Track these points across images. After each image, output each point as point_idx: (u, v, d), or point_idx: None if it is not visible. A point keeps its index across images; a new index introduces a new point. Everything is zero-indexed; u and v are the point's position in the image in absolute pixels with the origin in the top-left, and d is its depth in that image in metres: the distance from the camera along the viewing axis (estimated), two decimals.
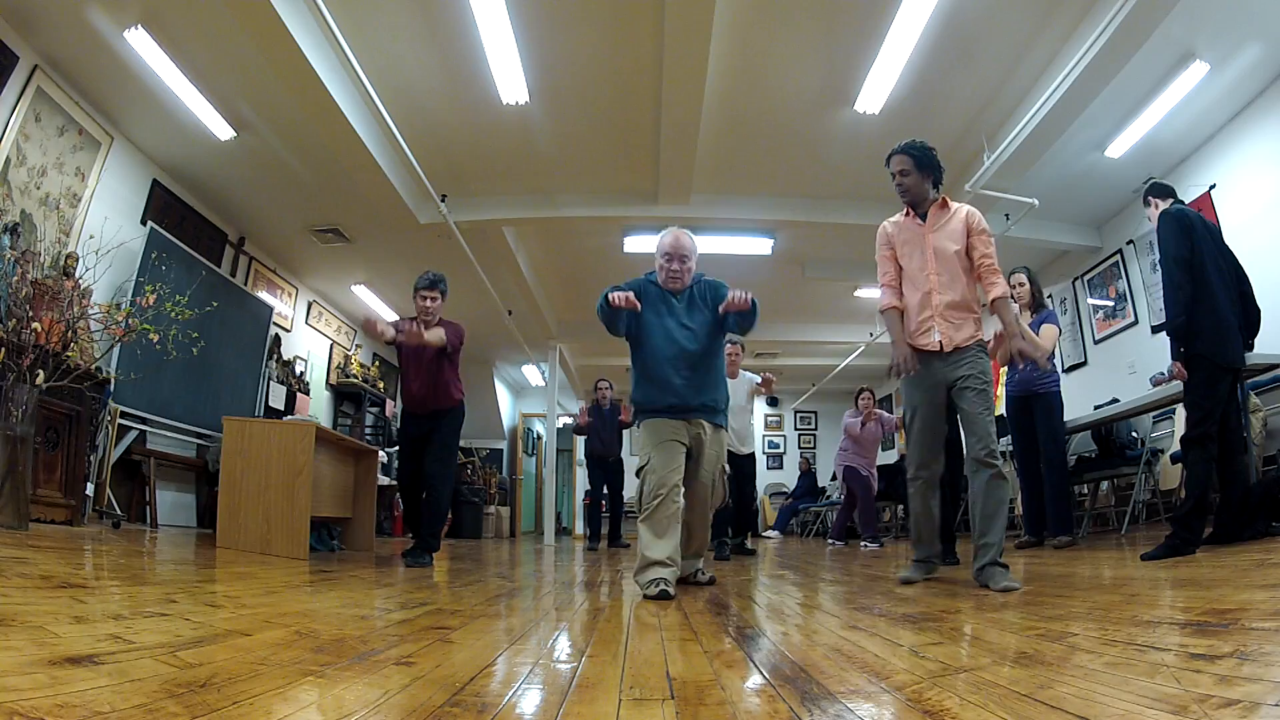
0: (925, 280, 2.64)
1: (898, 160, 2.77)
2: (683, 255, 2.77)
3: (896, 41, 3.94)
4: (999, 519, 2.40)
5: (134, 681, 0.94)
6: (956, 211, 2.69)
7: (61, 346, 3.48)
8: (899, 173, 2.75)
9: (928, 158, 2.73)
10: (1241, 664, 1.01)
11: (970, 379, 2.52)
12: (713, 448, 2.76)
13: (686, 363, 2.68)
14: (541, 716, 0.91)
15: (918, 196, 2.72)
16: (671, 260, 2.77)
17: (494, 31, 3.83)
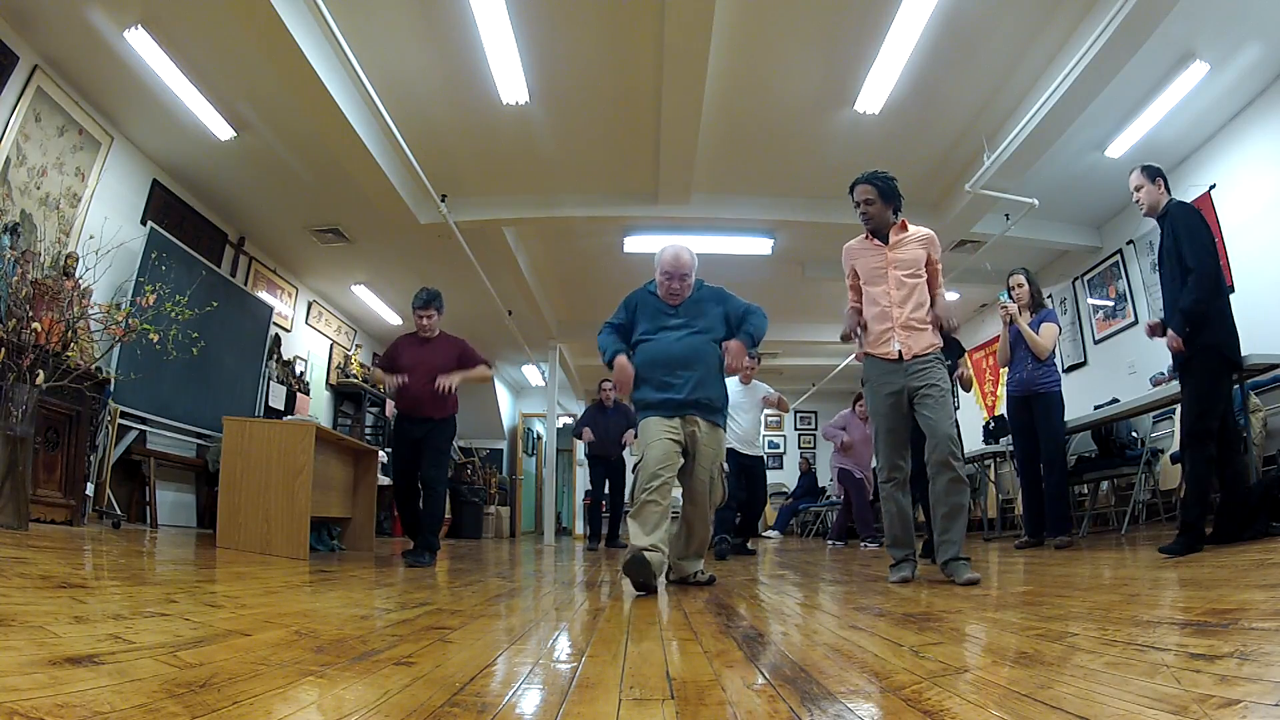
0: (885, 296, 2.82)
1: (862, 190, 2.86)
2: (683, 274, 2.82)
3: (896, 41, 3.94)
4: (960, 518, 2.61)
5: (134, 681, 0.94)
6: (915, 233, 2.86)
7: (61, 346, 3.48)
8: (864, 201, 2.85)
9: (890, 188, 2.85)
10: (1241, 664, 1.01)
11: (929, 388, 2.70)
12: (709, 445, 2.77)
13: (682, 364, 2.74)
14: (541, 716, 0.91)
15: (880, 224, 2.85)
16: (672, 279, 2.82)
17: (494, 31, 3.83)
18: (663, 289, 2.85)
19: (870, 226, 2.87)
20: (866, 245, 2.91)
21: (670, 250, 2.85)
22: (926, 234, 2.86)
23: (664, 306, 2.85)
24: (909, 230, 2.87)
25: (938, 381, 2.71)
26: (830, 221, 5.88)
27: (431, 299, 4.19)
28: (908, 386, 2.74)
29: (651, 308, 2.86)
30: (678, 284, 2.82)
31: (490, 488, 10.44)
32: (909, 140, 5.04)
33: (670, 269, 2.81)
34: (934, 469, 2.64)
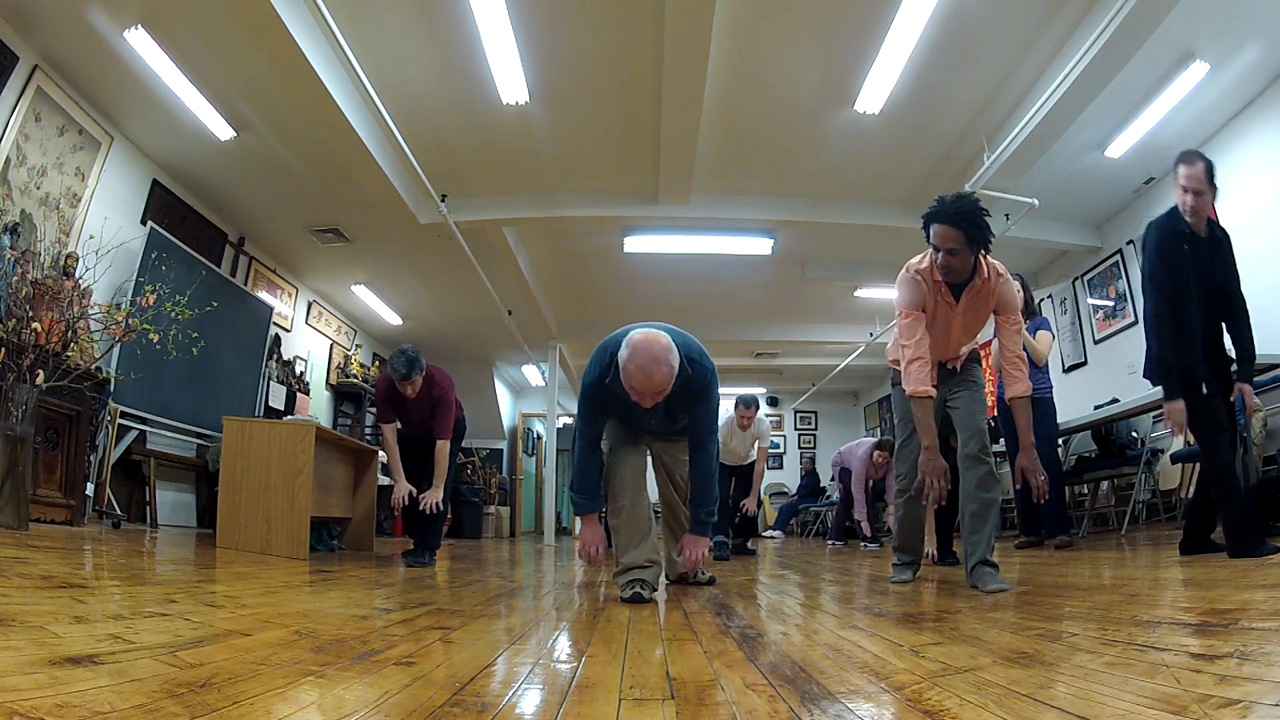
0: (944, 347, 2.52)
1: (944, 235, 2.22)
2: (655, 391, 2.12)
3: (896, 41, 3.94)
4: (990, 516, 2.36)
5: (134, 681, 0.94)
6: (987, 283, 2.37)
7: (61, 346, 3.48)
8: (946, 250, 2.24)
9: (982, 230, 2.22)
10: (1241, 664, 1.01)
11: (963, 383, 2.53)
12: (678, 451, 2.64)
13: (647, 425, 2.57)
14: (541, 716, 0.91)
15: (962, 278, 2.33)
16: (643, 397, 2.14)
17: (494, 31, 3.83)
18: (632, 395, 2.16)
19: (949, 280, 2.35)
20: (934, 287, 2.38)
21: (636, 363, 2.07)
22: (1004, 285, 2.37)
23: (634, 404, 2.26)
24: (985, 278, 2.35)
25: (974, 376, 2.55)
26: (830, 221, 5.89)
27: (411, 369, 3.91)
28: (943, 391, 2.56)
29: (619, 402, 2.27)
30: (649, 402, 2.16)
31: (490, 488, 10.44)
32: (909, 140, 5.04)
33: (641, 386, 2.09)
34: (965, 464, 2.45)
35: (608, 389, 2.24)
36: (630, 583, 2.26)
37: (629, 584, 2.26)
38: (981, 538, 2.34)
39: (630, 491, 2.45)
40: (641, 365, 2.06)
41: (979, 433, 2.43)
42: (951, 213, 2.20)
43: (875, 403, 12.14)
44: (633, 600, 2.18)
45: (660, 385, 2.09)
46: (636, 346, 2.08)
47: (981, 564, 2.32)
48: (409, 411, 4.16)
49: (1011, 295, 2.39)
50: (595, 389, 2.30)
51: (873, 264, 7.20)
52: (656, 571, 2.38)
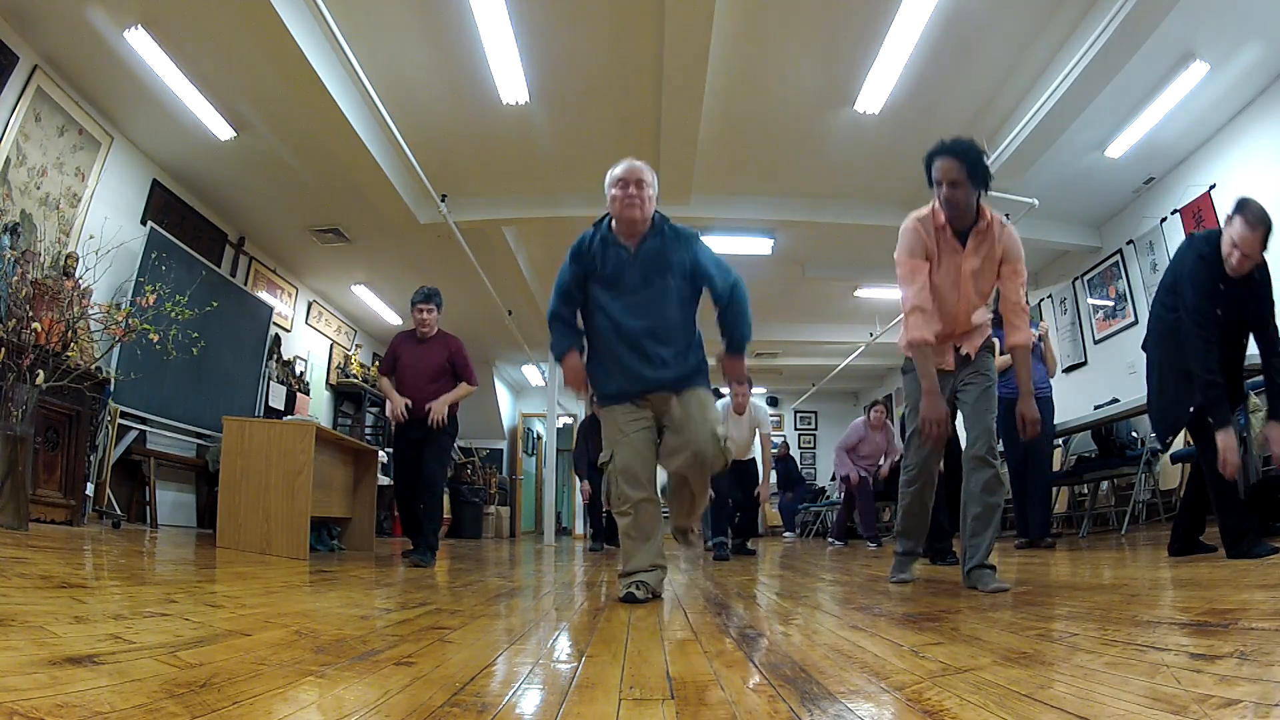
0: (954, 305, 2.36)
1: (947, 168, 2.23)
2: (639, 179, 2.23)
3: (896, 41, 3.94)
4: (992, 521, 2.30)
5: (134, 681, 0.94)
6: (991, 229, 2.32)
7: (61, 346, 3.48)
8: (949, 183, 2.22)
9: (980, 166, 2.23)
10: (1241, 664, 1.01)
11: (975, 375, 2.41)
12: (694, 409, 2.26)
13: (643, 335, 2.25)
14: (541, 716, 0.91)
15: (965, 214, 2.28)
16: (626, 185, 2.22)
17: (494, 31, 3.83)
18: (615, 204, 2.24)
19: (953, 215, 2.28)
20: (938, 234, 2.32)
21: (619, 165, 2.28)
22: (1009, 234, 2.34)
23: (620, 253, 2.27)
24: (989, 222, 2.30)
25: (985, 370, 2.41)
26: (830, 221, 5.90)
27: (431, 295, 4.16)
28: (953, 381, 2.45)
29: (606, 256, 2.27)
30: (634, 191, 2.22)
31: (490, 488, 10.44)
32: (909, 140, 5.03)
33: (625, 172, 2.24)
34: (970, 464, 2.35)
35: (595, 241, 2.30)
36: (631, 584, 2.21)
37: (629, 584, 2.22)
38: (983, 541, 2.28)
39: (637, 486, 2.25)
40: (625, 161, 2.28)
41: (987, 432, 2.34)
42: (952, 145, 2.24)
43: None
44: (627, 600, 2.14)
45: (639, 169, 2.24)
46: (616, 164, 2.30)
47: (980, 567, 2.28)
48: (425, 360, 4.08)
49: (1017, 244, 2.34)
50: (577, 247, 2.33)
51: (873, 264, 7.20)
52: (660, 575, 2.29)
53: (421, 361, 4.10)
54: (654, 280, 2.25)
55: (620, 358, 2.27)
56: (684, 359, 2.28)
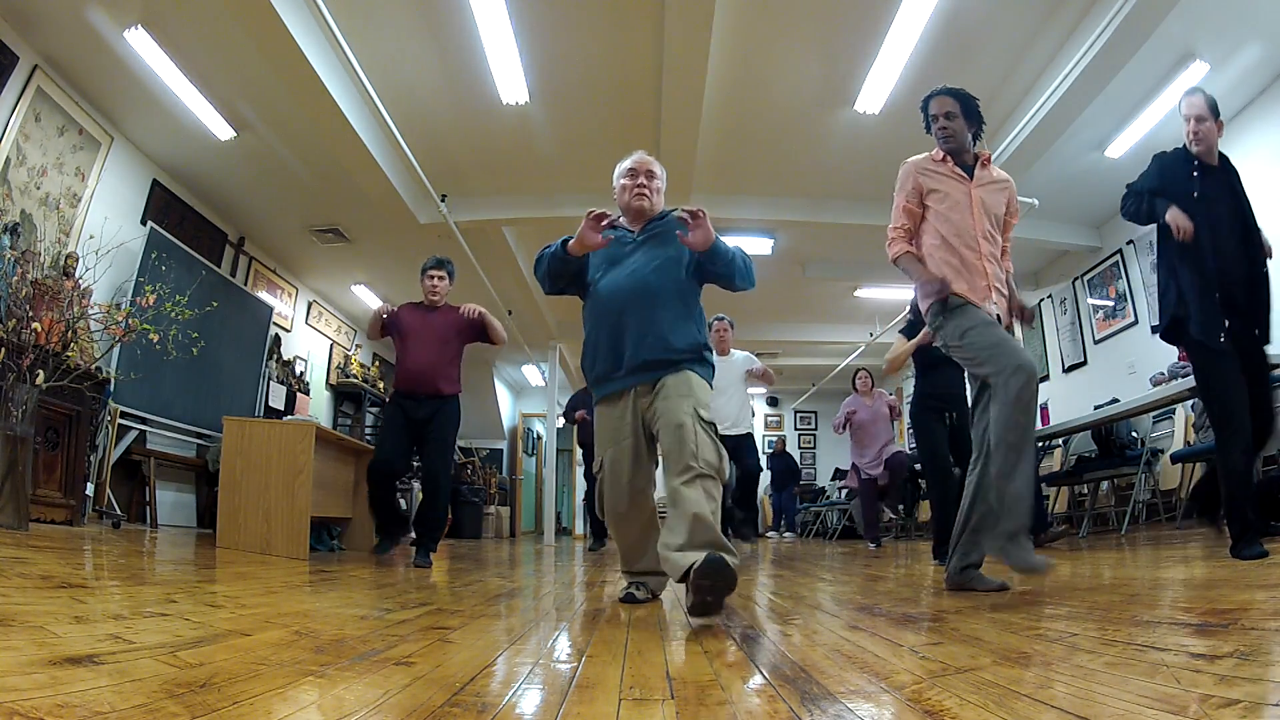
0: (973, 240, 2.24)
1: (942, 102, 2.34)
2: (649, 170, 2.22)
3: (896, 41, 3.94)
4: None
5: (134, 681, 0.94)
6: (999, 174, 2.36)
7: (61, 346, 3.48)
8: (944, 115, 2.31)
9: (973, 104, 2.34)
10: (1241, 664, 1.01)
11: None
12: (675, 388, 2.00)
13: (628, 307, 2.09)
14: (541, 716, 0.91)
15: (962, 144, 2.33)
16: (636, 175, 2.21)
17: (494, 31, 3.83)
18: (627, 194, 2.22)
19: (950, 146, 2.32)
20: (941, 167, 2.32)
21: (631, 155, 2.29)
22: (1008, 179, 2.36)
23: (621, 234, 2.21)
24: (991, 167, 2.34)
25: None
26: (830, 221, 5.90)
27: (444, 261, 3.95)
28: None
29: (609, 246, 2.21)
30: (644, 181, 2.20)
31: (490, 488, 10.44)
32: (909, 140, 5.00)
33: (635, 163, 2.24)
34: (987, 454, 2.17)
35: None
36: (633, 584, 2.16)
37: (629, 584, 2.18)
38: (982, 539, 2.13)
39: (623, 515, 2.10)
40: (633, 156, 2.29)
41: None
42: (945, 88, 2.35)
43: None
44: (626, 600, 2.09)
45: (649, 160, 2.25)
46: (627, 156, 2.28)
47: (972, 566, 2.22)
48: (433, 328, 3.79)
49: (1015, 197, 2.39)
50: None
51: (873, 264, 7.20)
52: (661, 582, 2.18)
53: (430, 329, 3.80)
54: (654, 252, 2.15)
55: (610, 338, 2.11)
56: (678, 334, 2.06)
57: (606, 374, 2.12)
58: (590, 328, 2.19)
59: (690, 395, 1.98)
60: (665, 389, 2.01)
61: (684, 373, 2.04)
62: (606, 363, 2.11)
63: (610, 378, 2.11)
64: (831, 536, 9.00)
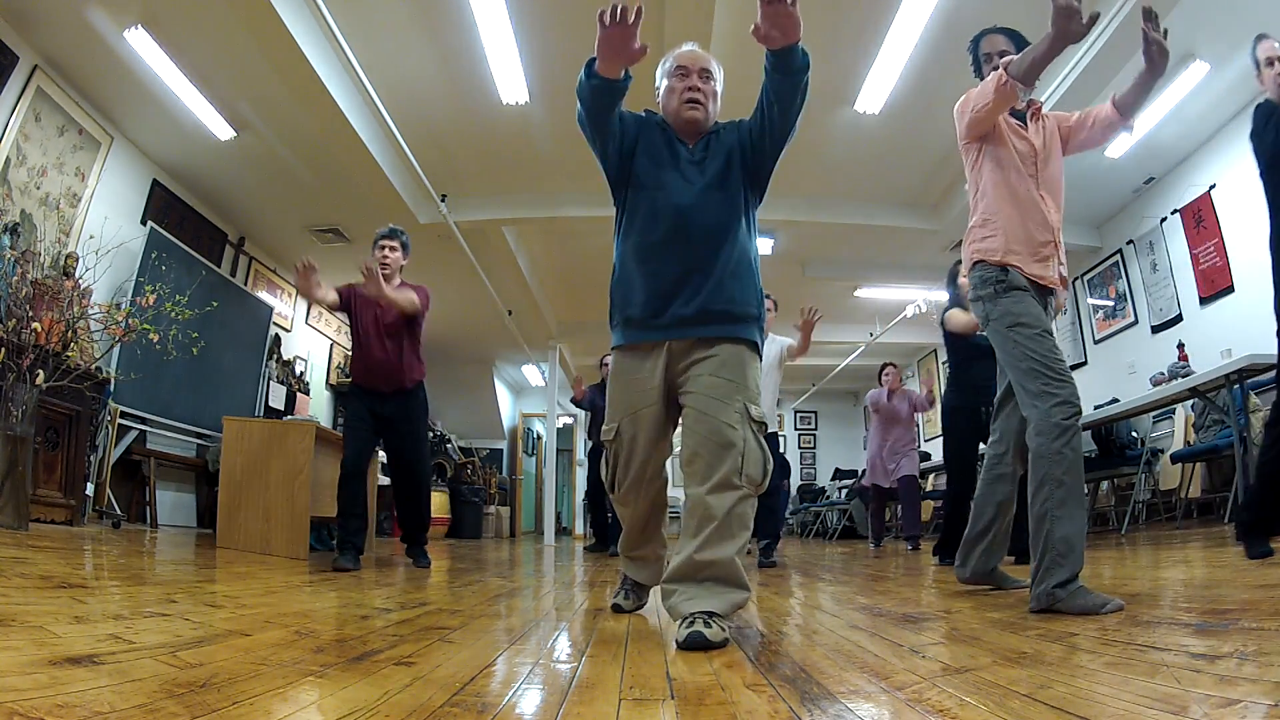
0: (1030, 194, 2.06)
1: (993, 40, 2.10)
2: (702, 68, 1.80)
3: (896, 41, 3.94)
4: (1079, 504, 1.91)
5: (134, 681, 0.94)
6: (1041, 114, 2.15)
7: (61, 346, 3.48)
8: (997, 54, 2.05)
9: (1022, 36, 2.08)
10: (1241, 664, 1.01)
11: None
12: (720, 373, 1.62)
13: (695, 239, 1.71)
14: (541, 716, 0.91)
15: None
16: (689, 74, 1.79)
17: (494, 31, 3.83)
18: (674, 96, 1.82)
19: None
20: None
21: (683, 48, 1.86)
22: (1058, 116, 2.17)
23: (673, 141, 1.83)
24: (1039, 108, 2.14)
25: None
26: (830, 221, 5.90)
27: (396, 231, 3.59)
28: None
29: (655, 139, 1.84)
30: (698, 80, 1.79)
31: (490, 488, 10.45)
32: (909, 140, 5.04)
33: (687, 60, 1.81)
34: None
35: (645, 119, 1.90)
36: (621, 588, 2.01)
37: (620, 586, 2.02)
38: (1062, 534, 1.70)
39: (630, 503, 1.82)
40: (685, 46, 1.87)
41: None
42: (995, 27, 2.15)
43: None
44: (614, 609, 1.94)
45: (706, 58, 1.83)
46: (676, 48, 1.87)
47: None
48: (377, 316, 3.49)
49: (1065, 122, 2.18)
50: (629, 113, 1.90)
51: (873, 264, 7.20)
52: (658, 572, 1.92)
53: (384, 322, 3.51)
54: (717, 175, 1.78)
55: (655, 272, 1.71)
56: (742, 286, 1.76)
57: (643, 319, 1.70)
58: (627, 251, 1.74)
59: (743, 386, 1.63)
60: (714, 363, 1.63)
61: (740, 346, 1.68)
62: (645, 305, 1.68)
63: (647, 324, 1.69)
64: (831, 536, 9.01)
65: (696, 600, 1.47)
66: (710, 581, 1.49)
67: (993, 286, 1.96)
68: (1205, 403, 4.11)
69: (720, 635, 1.37)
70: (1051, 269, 1.99)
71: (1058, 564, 1.66)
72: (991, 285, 1.96)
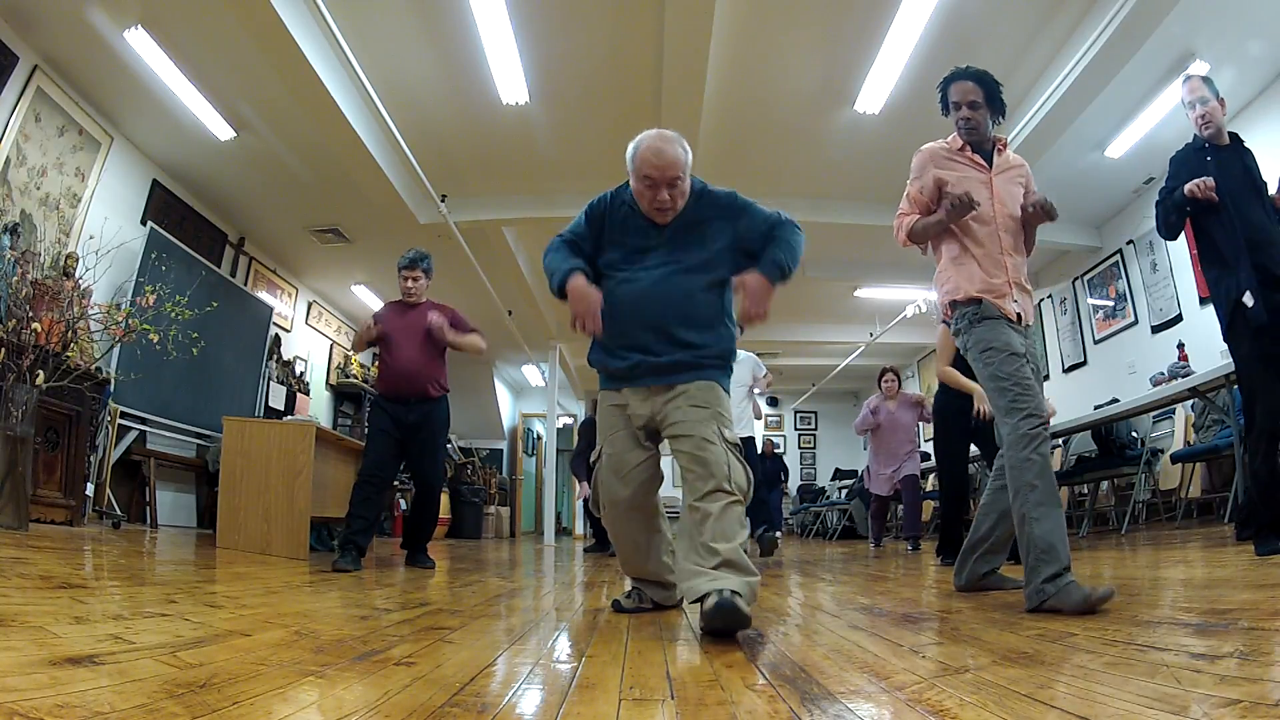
0: (991, 235, 2.10)
1: (964, 89, 2.19)
2: (672, 177, 1.79)
3: (896, 41, 3.94)
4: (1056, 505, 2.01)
5: (134, 681, 0.94)
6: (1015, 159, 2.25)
7: (61, 346, 3.48)
8: (967, 104, 2.17)
9: (996, 90, 2.20)
10: (1241, 664, 1.01)
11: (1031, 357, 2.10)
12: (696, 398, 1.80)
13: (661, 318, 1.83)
14: (541, 716, 0.91)
15: (984, 136, 2.19)
16: (657, 187, 1.79)
17: (494, 31, 3.83)
18: (645, 202, 1.85)
19: (972, 138, 2.18)
20: (957, 157, 2.17)
21: (649, 139, 1.81)
22: (1023, 162, 2.24)
23: (644, 224, 1.90)
24: (1008, 153, 2.22)
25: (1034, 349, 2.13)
26: (830, 221, 5.89)
27: (417, 261, 3.75)
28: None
29: (627, 225, 1.92)
30: (666, 193, 1.80)
31: (490, 488, 10.45)
32: (909, 140, 4.97)
33: (654, 169, 1.78)
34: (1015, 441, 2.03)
35: (615, 202, 1.96)
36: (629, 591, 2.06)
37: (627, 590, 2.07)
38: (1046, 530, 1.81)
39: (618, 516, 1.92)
40: (652, 142, 1.80)
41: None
42: (969, 70, 2.21)
43: None
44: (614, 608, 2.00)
45: (675, 164, 1.78)
46: (643, 134, 1.85)
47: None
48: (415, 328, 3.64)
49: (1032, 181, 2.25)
50: (596, 203, 2.01)
51: (873, 264, 7.20)
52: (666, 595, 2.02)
53: (412, 329, 3.65)
54: (685, 249, 1.86)
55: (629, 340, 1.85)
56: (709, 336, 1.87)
57: (623, 375, 1.89)
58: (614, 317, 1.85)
59: (716, 412, 1.80)
60: (688, 395, 1.81)
61: (708, 381, 1.84)
62: (623, 364, 1.87)
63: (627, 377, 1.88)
64: (831, 536, 9.01)
65: (718, 580, 1.57)
66: (724, 568, 1.61)
67: (968, 319, 2.10)
68: (1205, 403, 4.10)
69: (747, 609, 1.48)
70: (1008, 304, 2.06)
71: (1042, 561, 1.75)
72: (967, 319, 2.10)
